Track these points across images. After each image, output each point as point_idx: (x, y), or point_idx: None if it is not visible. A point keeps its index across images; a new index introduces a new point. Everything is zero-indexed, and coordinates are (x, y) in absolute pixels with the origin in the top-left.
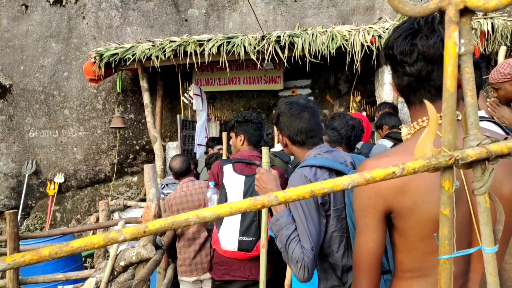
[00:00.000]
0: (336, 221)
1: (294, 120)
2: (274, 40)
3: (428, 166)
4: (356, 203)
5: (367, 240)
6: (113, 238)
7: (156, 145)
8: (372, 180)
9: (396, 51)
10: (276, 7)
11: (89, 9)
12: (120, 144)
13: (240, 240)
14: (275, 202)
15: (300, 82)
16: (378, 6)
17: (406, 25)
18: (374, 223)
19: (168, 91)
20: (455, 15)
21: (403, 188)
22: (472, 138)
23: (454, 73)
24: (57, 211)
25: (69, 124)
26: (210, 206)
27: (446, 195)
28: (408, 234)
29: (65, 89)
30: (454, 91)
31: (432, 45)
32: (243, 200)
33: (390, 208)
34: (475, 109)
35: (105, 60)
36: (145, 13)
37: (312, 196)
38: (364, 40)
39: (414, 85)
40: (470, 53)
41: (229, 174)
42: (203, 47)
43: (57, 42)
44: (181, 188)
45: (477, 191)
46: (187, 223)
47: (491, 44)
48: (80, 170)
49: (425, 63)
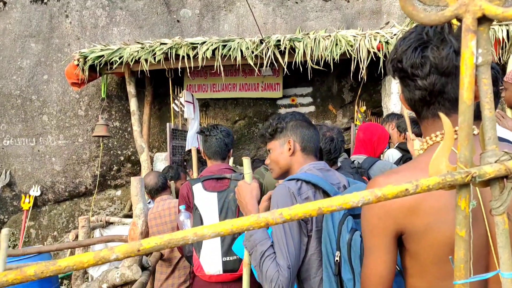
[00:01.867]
0: (316, 243)
1: (307, 126)
2: (273, 44)
3: (443, 183)
4: (365, 223)
5: (376, 263)
6: (104, 256)
7: (143, 156)
8: (383, 197)
9: (406, 64)
10: (275, 9)
11: (72, 7)
12: (103, 154)
13: (224, 262)
14: (280, 220)
15: (301, 90)
16: (385, 9)
17: (414, 35)
18: (384, 245)
19: (157, 97)
20: (472, 23)
21: (415, 208)
22: (490, 154)
23: (471, 84)
24: (32, 227)
25: (48, 131)
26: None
27: (462, 215)
28: (420, 257)
29: (45, 94)
30: (471, 104)
31: (445, 56)
32: (246, 217)
33: (401, 229)
34: (493, 123)
35: (89, 62)
36: (133, 12)
37: (319, 214)
38: (371, 46)
39: (427, 99)
40: (488, 63)
41: (200, 194)
42: (196, 51)
43: (37, 42)
44: (157, 207)
45: (495, 211)
46: (184, 241)
47: (506, 52)
48: (59, 182)
49: (438, 75)
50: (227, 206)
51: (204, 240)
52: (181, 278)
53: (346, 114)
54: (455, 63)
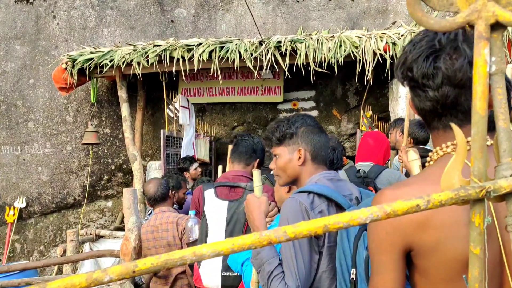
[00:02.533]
0: (328, 260)
1: (319, 132)
2: (273, 45)
3: (456, 199)
4: (372, 238)
5: (384, 281)
6: (97, 278)
7: (135, 164)
8: (393, 213)
9: (417, 74)
10: (276, 8)
11: (60, 7)
12: (93, 163)
13: (223, 276)
14: (284, 238)
15: (303, 93)
16: (391, 8)
17: (425, 42)
18: (392, 262)
19: (150, 102)
20: (485, 30)
21: (425, 223)
22: (505, 167)
23: (484, 94)
24: (17, 241)
25: (34, 139)
26: (191, 238)
27: (476, 232)
28: (430, 274)
29: (30, 99)
30: (484, 114)
31: (459, 68)
32: (248, 235)
33: (410, 245)
34: (508, 135)
35: (78, 66)
36: (125, 12)
37: (325, 232)
38: (377, 47)
39: (439, 111)
40: (502, 72)
41: (211, 200)
42: (192, 53)
43: (22, 44)
44: (154, 220)
45: (511, 227)
46: (182, 261)
47: None
48: (45, 193)
49: (451, 87)
50: (236, 217)
51: (203, 260)
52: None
53: (351, 119)
54: (469, 75)
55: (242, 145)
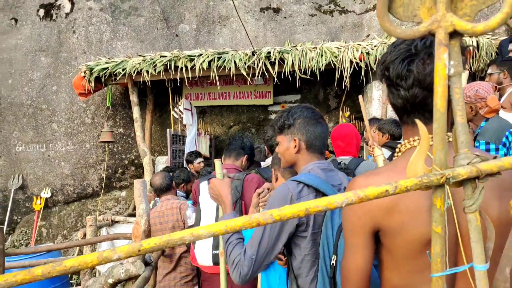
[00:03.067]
0: (311, 245)
1: (315, 123)
2: (264, 56)
3: (420, 185)
4: (345, 222)
5: (355, 257)
6: (107, 257)
7: (145, 159)
8: (365, 198)
9: (392, 74)
10: (266, 24)
11: (79, 23)
12: (109, 158)
13: (213, 254)
14: (270, 220)
15: (290, 97)
16: (366, 23)
17: (404, 46)
18: (363, 241)
19: (158, 105)
20: (444, 38)
21: (391, 208)
22: (462, 157)
23: (444, 93)
24: (43, 227)
25: (57, 138)
26: (189, 225)
27: (438, 213)
28: (395, 252)
29: (54, 103)
30: (444, 111)
31: (428, 73)
32: (238, 218)
33: (378, 226)
34: (465, 129)
35: (95, 74)
36: (135, 28)
37: (306, 214)
38: (353, 56)
39: (408, 108)
40: (459, 74)
41: (205, 191)
42: (193, 62)
43: (46, 56)
44: (161, 206)
45: (468, 209)
46: (182, 241)
47: (476, 61)
48: (67, 184)
49: (420, 89)
50: None
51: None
52: (182, 273)
53: (332, 119)
54: None
55: (232, 144)
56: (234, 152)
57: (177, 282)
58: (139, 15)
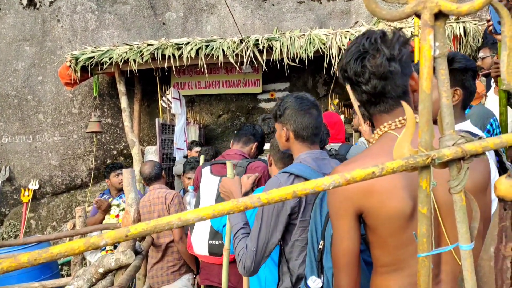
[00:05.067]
0: (300, 231)
1: (303, 114)
2: (252, 43)
3: (406, 166)
4: (330, 207)
5: (342, 240)
6: (94, 243)
7: (134, 149)
8: (352, 180)
9: (350, 73)
10: (254, 11)
11: (63, 12)
12: (97, 149)
13: (209, 244)
14: (258, 204)
15: (279, 85)
16: (354, 10)
17: (354, 48)
18: (347, 224)
19: (146, 95)
20: (430, 18)
21: (369, 190)
22: (447, 138)
23: (429, 75)
24: (32, 219)
25: (44, 129)
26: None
27: (424, 194)
28: (378, 231)
29: (39, 94)
30: (430, 93)
31: (379, 64)
32: (226, 202)
33: (360, 208)
34: (450, 110)
35: (81, 63)
36: (121, 16)
37: (294, 197)
38: (341, 43)
39: (373, 100)
40: (444, 55)
41: (206, 177)
42: (181, 51)
43: (30, 45)
44: (148, 196)
45: (453, 189)
46: (169, 226)
47: (463, 47)
48: (56, 176)
49: (377, 80)
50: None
51: (188, 224)
52: (169, 262)
53: (321, 106)
54: (389, 69)
55: (243, 129)
56: (244, 138)
57: (164, 272)
58: (124, 3)
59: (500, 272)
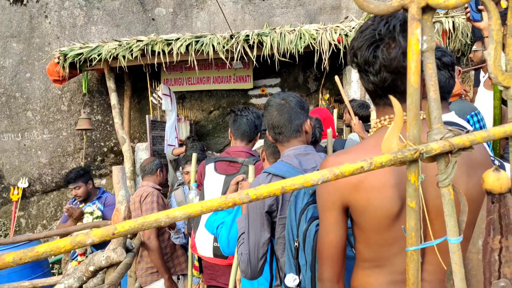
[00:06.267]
0: (281, 229)
1: (267, 117)
2: (242, 39)
3: (394, 160)
4: (318, 200)
5: (327, 232)
6: (81, 241)
7: (124, 146)
8: (341, 175)
9: (360, 60)
10: (244, 6)
11: (51, 8)
12: (87, 146)
13: (214, 247)
14: (247, 200)
15: (270, 81)
16: (344, 5)
17: (369, 32)
18: (334, 217)
19: (136, 91)
20: (417, 12)
21: (358, 186)
22: (435, 132)
23: (417, 69)
24: (22, 217)
25: (33, 126)
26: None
27: (412, 188)
28: (363, 227)
29: (28, 91)
30: (417, 87)
31: (393, 58)
32: (215, 198)
33: (347, 203)
34: (438, 104)
35: (69, 60)
36: (110, 12)
37: (282, 192)
38: (332, 38)
39: (379, 92)
40: (432, 49)
41: (210, 174)
42: (171, 47)
43: (18, 42)
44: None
45: (441, 183)
46: (157, 223)
47: (452, 42)
48: (45, 174)
49: (388, 73)
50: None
51: (176, 221)
52: (148, 264)
53: (312, 102)
54: (402, 64)
55: (244, 123)
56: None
57: (143, 273)
58: None
59: (488, 264)
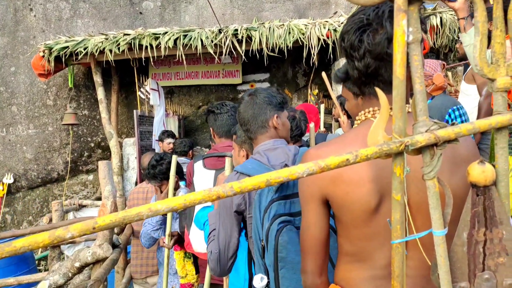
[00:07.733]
0: (251, 228)
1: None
2: (231, 33)
3: (380, 153)
4: (299, 191)
5: (308, 224)
6: (60, 235)
7: (112, 141)
8: (326, 168)
9: (346, 44)
10: (233, 1)
11: (36, 0)
12: (74, 141)
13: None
14: (231, 193)
15: (259, 76)
16: (333, 0)
17: (358, 16)
18: (314, 209)
19: (123, 86)
20: (403, 3)
21: (336, 179)
22: (421, 125)
23: (403, 61)
24: (7, 213)
25: (18, 121)
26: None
27: (397, 181)
28: (343, 220)
29: (12, 85)
30: (403, 79)
31: (378, 43)
32: (198, 191)
33: (325, 196)
34: (423, 96)
35: (54, 53)
36: (97, 5)
37: (267, 185)
38: (320, 33)
39: (363, 79)
40: (418, 41)
41: (199, 171)
42: (158, 41)
43: (2, 35)
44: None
45: (427, 176)
46: (139, 217)
47: (440, 38)
48: (31, 169)
49: (372, 59)
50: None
51: (158, 215)
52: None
53: (301, 97)
54: (387, 50)
55: (226, 119)
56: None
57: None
58: None
59: (473, 257)
